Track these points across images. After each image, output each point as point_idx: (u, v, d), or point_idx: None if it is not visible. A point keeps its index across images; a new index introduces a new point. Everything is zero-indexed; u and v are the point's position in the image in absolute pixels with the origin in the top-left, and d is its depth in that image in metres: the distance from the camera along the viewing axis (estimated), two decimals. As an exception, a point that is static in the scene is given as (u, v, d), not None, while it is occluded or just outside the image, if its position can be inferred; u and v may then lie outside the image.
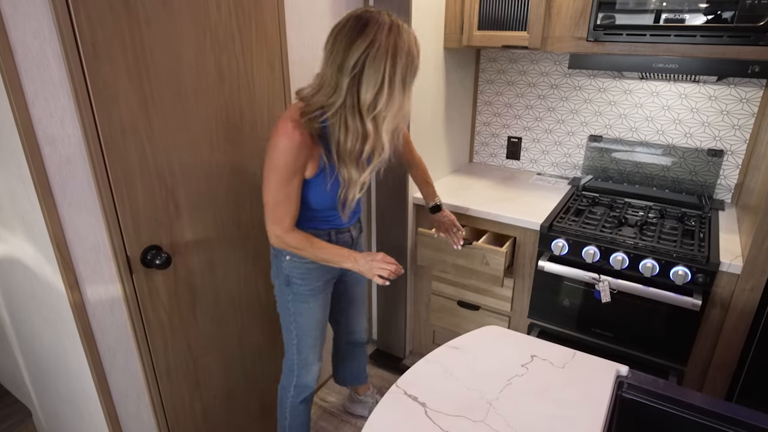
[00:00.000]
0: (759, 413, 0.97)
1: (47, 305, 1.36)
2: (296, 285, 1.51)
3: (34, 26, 1.04)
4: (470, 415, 0.95)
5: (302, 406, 1.70)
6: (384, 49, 1.15)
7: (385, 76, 1.16)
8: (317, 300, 1.55)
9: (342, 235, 1.53)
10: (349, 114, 1.21)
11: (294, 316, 1.55)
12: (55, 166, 1.14)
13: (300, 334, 1.58)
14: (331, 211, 1.44)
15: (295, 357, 1.62)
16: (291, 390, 1.67)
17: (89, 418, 1.49)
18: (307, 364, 1.63)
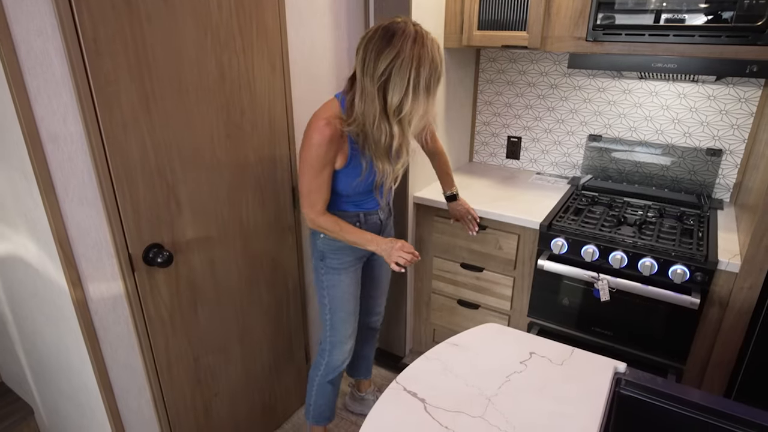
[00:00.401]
0: (755, 409, 0.97)
1: (49, 302, 1.36)
2: (329, 259, 1.62)
3: (36, 24, 1.05)
4: (469, 410, 0.96)
5: (329, 386, 1.80)
6: (409, 59, 1.26)
7: (409, 83, 1.27)
8: (348, 273, 1.66)
9: (371, 217, 1.63)
10: (380, 116, 1.33)
11: (327, 289, 1.66)
12: (57, 163, 1.14)
13: (333, 307, 1.68)
14: (359, 196, 1.56)
15: (328, 335, 1.72)
16: (321, 369, 1.77)
17: (91, 414, 1.50)
18: (339, 342, 1.72)
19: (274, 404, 2.03)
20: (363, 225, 1.62)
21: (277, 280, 1.87)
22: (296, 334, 2.05)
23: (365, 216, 1.61)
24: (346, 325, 1.71)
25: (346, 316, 1.70)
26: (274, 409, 2.04)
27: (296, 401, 2.17)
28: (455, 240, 2.11)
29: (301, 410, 2.19)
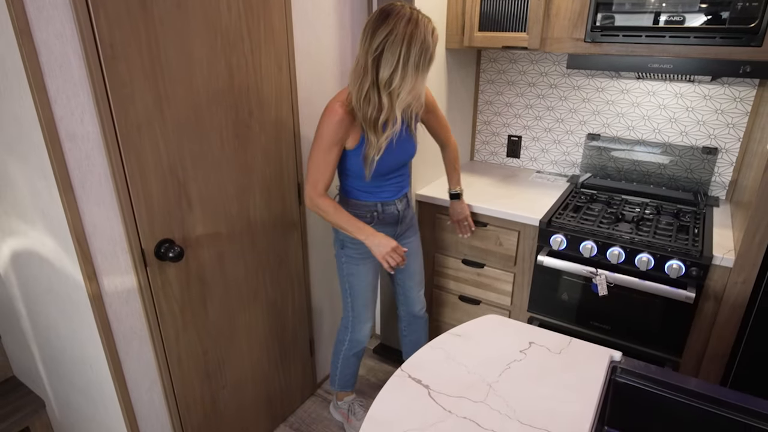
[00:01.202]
0: (746, 395, 1.02)
1: (64, 297, 1.41)
2: (348, 248, 1.73)
3: (56, 28, 1.10)
4: (471, 396, 1.00)
5: (353, 359, 1.97)
6: (401, 36, 1.36)
7: (400, 59, 1.37)
8: (366, 264, 1.75)
9: (388, 207, 1.71)
10: (370, 88, 1.43)
11: (347, 276, 1.78)
12: (75, 161, 1.19)
13: (353, 293, 1.81)
14: (374, 182, 1.64)
15: (350, 314, 1.86)
16: (345, 343, 1.93)
17: (103, 407, 1.54)
18: (360, 321, 1.87)
19: (280, 397, 2.08)
20: (380, 215, 1.70)
21: (283, 276, 1.92)
22: (301, 329, 2.10)
23: (383, 206, 1.69)
24: (366, 309, 1.85)
25: (365, 302, 1.83)
26: (280, 401, 2.09)
27: (302, 394, 2.22)
28: (457, 237, 2.16)
29: (308, 402, 2.24)
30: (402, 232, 1.82)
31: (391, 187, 1.70)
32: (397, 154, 1.63)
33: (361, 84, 1.44)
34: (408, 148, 1.67)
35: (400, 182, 1.73)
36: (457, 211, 1.99)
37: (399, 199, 1.74)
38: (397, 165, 1.66)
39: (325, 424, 2.14)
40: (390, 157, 1.61)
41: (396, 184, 1.71)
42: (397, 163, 1.65)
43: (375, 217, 1.70)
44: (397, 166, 1.66)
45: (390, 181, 1.68)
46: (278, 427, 2.12)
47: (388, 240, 1.60)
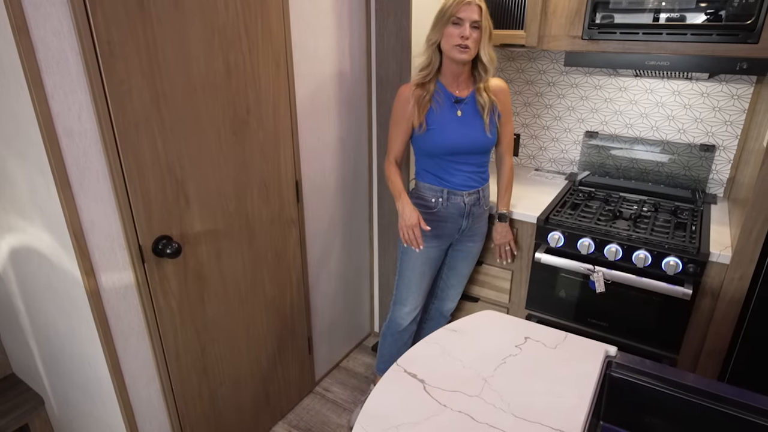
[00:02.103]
0: (741, 390, 1.02)
1: (62, 293, 1.42)
2: None
3: (54, 25, 1.10)
4: (466, 390, 1.01)
5: (390, 338, 2.02)
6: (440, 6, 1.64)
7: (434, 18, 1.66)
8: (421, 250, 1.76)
9: (455, 197, 1.79)
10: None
11: (402, 254, 1.88)
12: (72, 158, 1.20)
13: (401, 272, 1.89)
14: (440, 164, 1.75)
15: (395, 293, 1.94)
16: (387, 321, 2.01)
17: (101, 403, 1.55)
18: (400, 302, 1.93)
19: (278, 393, 2.08)
20: (445, 203, 1.78)
21: (281, 273, 1.92)
22: (299, 326, 2.10)
23: (449, 194, 1.78)
24: (407, 291, 1.90)
25: (408, 285, 1.89)
26: (278, 398, 2.09)
27: (300, 390, 2.23)
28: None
29: (306, 400, 2.25)
30: (467, 228, 1.86)
31: (459, 175, 1.76)
32: (464, 131, 1.72)
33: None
34: (476, 128, 1.73)
35: (471, 173, 1.78)
36: (502, 234, 1.95)
37: (468, 193, 1.79)
38: (463, 144, 1.72)
39: (323, 421, 2.14)
40: (453, 130, 1.71)
41: (466, 173, 1.77)
42: (463, 142, 1.72)
43: (439, 204, 1.78)
44: (463, 147, 1.73)
45: (458, 166, 1.75)
46: (277, 424, 2.12)
47: (412, 214, 1.67)
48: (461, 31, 1.59)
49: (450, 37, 1.61)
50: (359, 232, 2.39)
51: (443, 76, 1.72)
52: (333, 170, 2.11)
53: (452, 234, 1.86)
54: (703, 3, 1.60)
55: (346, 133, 2.13)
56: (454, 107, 1.72)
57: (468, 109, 1.74)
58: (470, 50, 1.62)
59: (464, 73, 1.72)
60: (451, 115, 1.72)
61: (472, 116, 1.74)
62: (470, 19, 1.59)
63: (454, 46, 1.61)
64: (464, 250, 1.93)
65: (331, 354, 2.42)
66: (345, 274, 2.37)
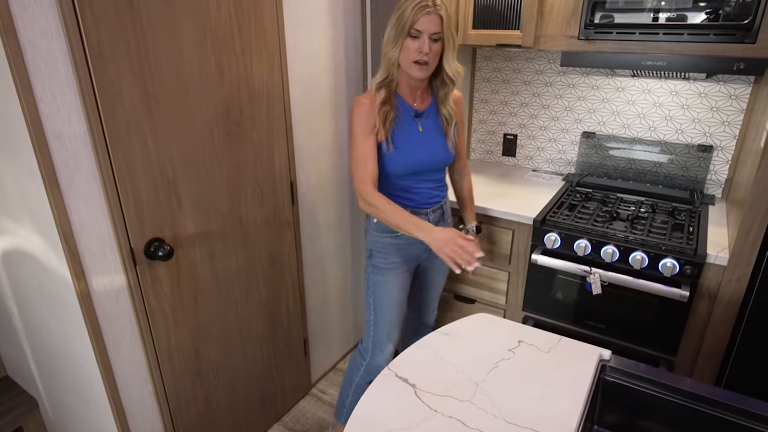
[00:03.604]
0: (735, 394, 1.01)
1: (54, 296, 1.41)
2: (376, 257, 1.67)
3: (42, 26, 1.09)
4: (457, 395, 1.00)
5: (368, 386, 1.72)
6: (394, 11, 1.46)
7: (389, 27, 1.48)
8: (393, 275, 1.66)
9: (419, 217, 1.59)
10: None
11: (372, 288, 1.70)
12: (62, 160, 1.19)
13: (377, 308, 1.70)
14: (405, 181, 1.60)
15: (371, 334, 1.73)
16: (361, 369, 1.77)
17: (95, 406, 1.54)
18: (380, 342, 1.73)
19: (274, 396, 2.07)
20: None
21: (276, 275, 1.91)
22: (295, 328, 2.09)
23: (415, 214, 1.59)
24: (389, 328, 1.71)
25: (389, 320, 1.70)
26: (274, 401, 2.08)
27: (296, 393, 2.22)
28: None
29: (302, 402, 2.24)
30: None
31: (421, 192, 1.63)
32: (428, 148, 1.59)
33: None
34: (439, 143, 1.61)
35: (432, 188, 1.66)
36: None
37: (433, 209, 1.67)
38: (428, 162, 1.60)
39: (320, 424, 2.13)
40: (419, 148, 1.57)
41: (428, 189, 1.64)
42: (428, 159, 1.60)
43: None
44: (428, 165, 1.60)
45: (419, 184, 1.62)
46: (272, 426, 2.11)
47: (447, 232, 1.43)
48: (420, 45, 1.43)
49: (407, 51, 1.45)
50: (355, 234, 2.38)
51: (400, 87, 1.57)
52: (328, 171, 2.10)
53: (420, 254, 1.72)
54: (700, 3, 1.59)
55: (342, 133, 2.12)
56: (414, 122, 1.58)
57: (428, 123, 1.61)
58: (429, 66, 1.48)
59: (423, 85, 1.59)
60: (412, 130, 1.58)
61: (433, 131, 1.61)
62: (430, 31, 1.43)
63: (412, 62, 1.46)
64: (437, 264, 1.80)
65: (327, 356, 2.41)
66: (341, 276, 2.36)
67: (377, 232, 1.65)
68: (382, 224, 1.60)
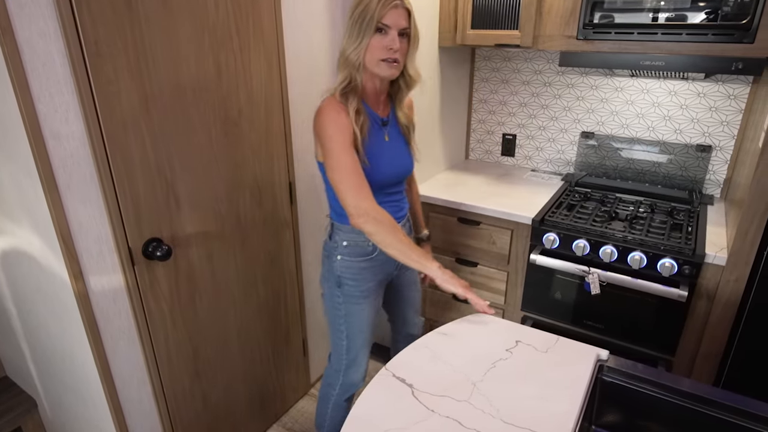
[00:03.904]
0: (732, 394, 1.01)
1: (52, 296, 1.41)
2: (348, 286, 1.50)
3: (39, 26, 1.09)
4: (455, 395, 0.99)
5: (346, 404, 1.70)
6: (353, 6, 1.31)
7: (348, 23, 1.33)
8: (368, 301, 1.53)
9: None
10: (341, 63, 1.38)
11: (345, 317, 1.53)
12: (59, 160, 1.18)
13: (350, 335, 1.56)
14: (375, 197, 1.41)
15: (344, 357, 1.60)
16: (336, 389, 1.66)
17: (93, 406, 1.54)
18: (356, 364, 1.61)
19: (273, 397, 2.07)
20: None
21: (275, 275, 1.91)
22: (294, 328, 2.09)
23: None
24: (363, 349, 1.61)
25: (363, 342, 1.59)
26: (272, 401, 2.08)
27: (295, 394, 2.22)
28: (450, 236, 2.15)
29: (301, 402, 2.24)
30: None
31: (389, 207, 1.48)
32: (398, 161, 1.49)
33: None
34: (404, 152, 1.52)
35: (399, 201, 1.55)
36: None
37: (402, 224, 1.56)
38: (397, 174, 1.49)
39: (318, 423, 2.13)
40: (389, 160, 1.45)
41: (394, 202, 1.53)
42: (397, 171, 1.49)
43: (378, 248, 1.45)
44: (397, 177, 1.50)
45: (385, 198, 1.49)
46: (271, 426, 2.11)
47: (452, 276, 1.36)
48: (389, 42, 1.31)
49: (374, 49, 1.31)
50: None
51: (365, 93, 1.42)
52: (327, 171, 2.10)
53: (391, 272, 1.59)
54: (698, 3, 1.59)
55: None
56: (381, 131, 1.45)
57: (393, 132, 1.49)
58: (400, 64, 1.36)
59: (386, 89, 1.47)
60: (380, 141, 1.44)
61: (397, 139, 1.50)
62: (399, 26, 1.31)
63: (380, 60, 1.32)
64: (409, 278, 1.69)
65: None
66: (340, 276, 2.35)
67: (350, 257, 1.48)
68: (356, 247, 1.47)
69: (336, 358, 1.63)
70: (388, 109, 1.49)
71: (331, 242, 1.51)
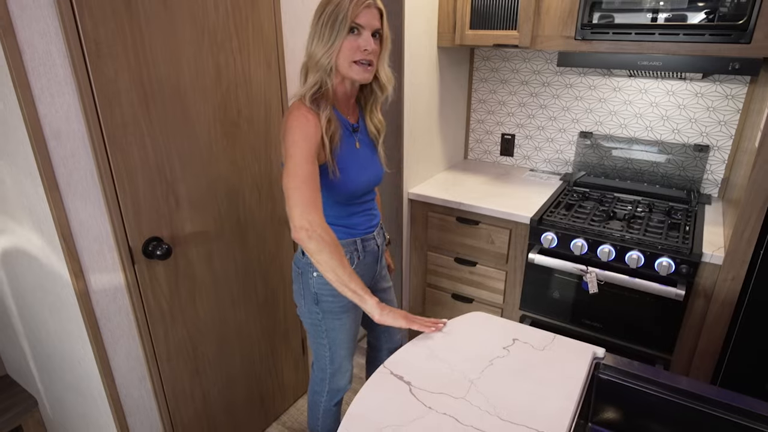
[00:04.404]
0: (728, 391, 1.02)
1: (53, 294, 1.42)
2: (327, 302, 1.43)
3: (40, 26, 1.10)
4: (452, 392, 1.00)
5: (335, 408, 1.69)
6: (322, 5, 1.25)
7: (313, 26, 1.26)
8: (349, 315, 1.48)
9: (368, 243, 1.47)
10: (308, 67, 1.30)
11: (327, 332, 1.49)
12: (60, 159, 1.19)
13: (333, 347, 1.52)
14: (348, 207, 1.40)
15: (328, 366, 1.57)
16: (324, 395, 1.64)
17: (93, 403, 1.55)
18: (340, 371, 1.58)
19: (272, 395, 2.08)
20: (361, 254, 1.45)
21: (274, 274, 1.92)
22: (293, 327, 2.10)
23: (362, 243, 1.45)
24: (347, 358, 1.58)
25: (346, 351, 1.56)
26: (272, 400, 2.09)
27: (295, 392, 2.23)
28: (449, 235, 2.16)
29: (300, 401, 2.24)
30: (380, 270, 1.58)
31: (364, 216, 1.45)
32: (370, 169, 1.43)
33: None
34: (375, 160, 1.46)
35: (372, 209, 1.49)
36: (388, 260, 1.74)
37: (377, 232, 1.51)
38: (371, 183, 1.43)
39: (317, 422, 2.14)
40: (362, 169, 1.40)
41: (368, 211, 1.47)
42: (371, 180, 1.43)
43: (356, 259, 1.43)
44: (370, 185, 1.44)
45: (359, 207, 1.44)
46: (271, 425, 2.12)
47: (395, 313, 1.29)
48: (363, 42, 1.24)
49: (346, 51, 1.24)
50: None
51: (336, 98, 1.35)
52: (327, 171, 2.11)
53: (367, 283, 1.53)
54: (696, 3, 1.60)
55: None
56: (352, 138, 1.38)
57: (363, 138, 1.42)
58: (374, 67, 1.29)
59: (355, 93, 1.40)
60: (352, 148, 1.37)
61: (368, 146, 1.44)
62: (372, 26, 1.25)
63: (353, 62, 1.26)
64: (381, 283, 1.63)
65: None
66: (339, 275, 2.36)
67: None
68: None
69: (319, 367, 1.60)
70: (356, 115, 1.42)
71: (305, 258, 1.41)
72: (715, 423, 1.02)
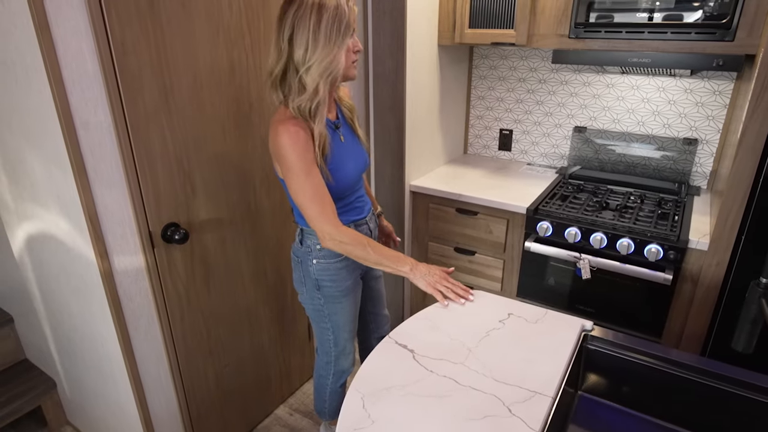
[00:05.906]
0: (705, 359, 1.11)
1: (77, 276, 1.51)
2: (327, 287, 1.51)
3: (72, 25, 1.19)
4: (452, 358, 1.10)
5: (341, 389, 1.77)
6: (309, 8, 1.22)
7: (310, 31, 1.23)
8: (349, 298, 1.56)
9: (361, 228, 1.54)
10: (291, 77, 1.29)
11: (329, 316, 1.57)
12: (88, 147, 1.29)
13: (336, 330, 1.60)
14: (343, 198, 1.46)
15: (332, 349, 1.65)
16: (330, 378, 1.72)
17: (113, 382, 1.64)
18: (344, 353, 1.67)
19: (279, 378, 2.17)
20: None
21: (283, 261, 2.01)
22: (300, 313, 2.19)
23: (356, 228, 1.52)
24: (350, 339, 1.66)
25: (349, 334, 1.64)
26: (279, 382, 2.18)
27: (301, 376, 2.32)
28: (449, 226, 2.25)
29: (306, 385, 2.33)
30: None
31: (357, 203, 1.52)
32: (357, 161, 1.48)
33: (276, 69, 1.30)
34: (359, 148, 1.51)
35: (363, 196, 1.56)
36: (388, 226, 1.85)
37: (369, 217, 1.57)
38: (359, 173, 1.49)
39: (323, 404, 2.23)
40: (350, 164, 1.44)
41: (359, 197, 1.54)
42: (359, 171, 1.49)
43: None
44: (358, 176, 1.50)
45: (352, 196, 1.50)
46: (278, 407, 2.21)
47: (432, 268, 1.39)
48: (357, 43, 1.34)
49: (349, 52, 1.32)
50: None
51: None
52: (332, 164, 2.20)
53: (364, 267, 1.61)
54: (682, 3, 1.69)
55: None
56: (336, 134, 1.42)
57: (345, 131, 1.46)
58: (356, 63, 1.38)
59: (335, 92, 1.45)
60: (338, 145, 1.41)
61: (350, 136, 1.48)
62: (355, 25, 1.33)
63: (352, 63, 1.34)
64: (376, 271, 1.72)
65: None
66: (344, 265, 2.45)
67: (326, 259, 1.48)
68: (320, 250, 1.47)
69: (324, 351, 1.68)
70: (335, 109, 1.45)
71: (303, 247, 1.49)
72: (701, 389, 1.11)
